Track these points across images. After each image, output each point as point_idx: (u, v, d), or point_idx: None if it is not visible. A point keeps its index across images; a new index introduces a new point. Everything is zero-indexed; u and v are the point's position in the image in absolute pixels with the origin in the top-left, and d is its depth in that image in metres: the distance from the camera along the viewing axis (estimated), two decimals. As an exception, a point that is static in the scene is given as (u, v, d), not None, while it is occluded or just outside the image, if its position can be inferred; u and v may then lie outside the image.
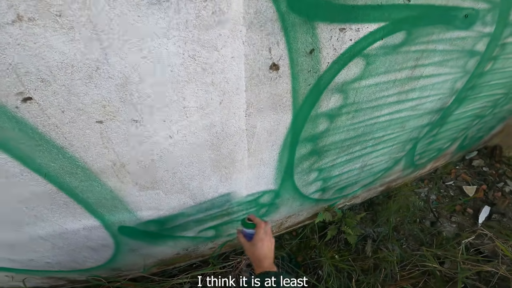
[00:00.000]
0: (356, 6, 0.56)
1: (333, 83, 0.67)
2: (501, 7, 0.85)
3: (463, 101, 1.18)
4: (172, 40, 0.44)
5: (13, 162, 0.48)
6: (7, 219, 0.60)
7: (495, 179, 1.94)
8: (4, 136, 0.45)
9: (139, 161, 0.59)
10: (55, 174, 0.53)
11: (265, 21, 0.49)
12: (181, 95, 0.51)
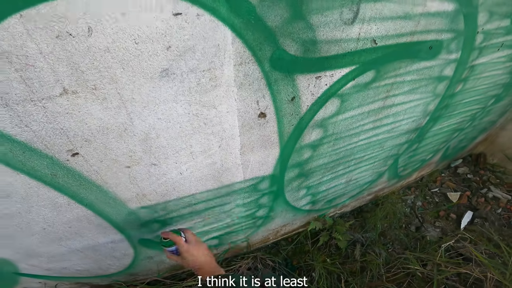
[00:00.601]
0: (329, 56, 0.68)
1: (313, 120, 0.80)
2: (466, 34, 0.93)
3: (438, 119, 1.29)
4: (180, 103, 0.57)
5: (63, 197, 0.62)
6: (54, 236, 0.74)
7: (478, 186, 2.04)
8: (56, 180, 0.58)
9: (157, 192, 0.73)
10: (93, 203, 0.67)
11: (253, 81, 0.62)
12: (188, 143, 0.64)
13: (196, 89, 0.56)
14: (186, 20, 0.47)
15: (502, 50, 1.16)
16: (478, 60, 1.10)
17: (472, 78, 1.20)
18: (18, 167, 0.53)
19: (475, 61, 1.10)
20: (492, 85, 1.37)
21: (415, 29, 0.76)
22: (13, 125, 0.47)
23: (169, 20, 0.45)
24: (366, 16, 0.63)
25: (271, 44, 0.57)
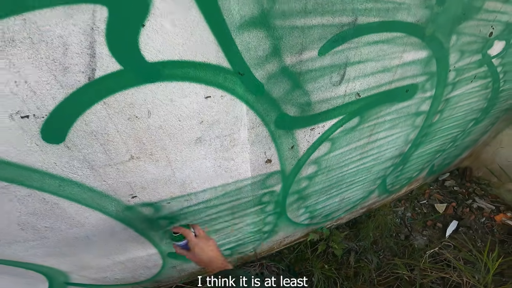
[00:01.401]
0: (321, 112, 0.86)
1: (309, 160, 0.98)
2: (438, 74, 1.06)
3: (419, 145, 1.47)
4: (208, 159, 0.76)
5: (122, 225, 0.81)
6: (107, 252, 0.93)
7: (464, 197, 2.20)
8: (119, 214, 0.77)
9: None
10: (143, 229, 0.86)
11: (262, 138, 0.81)
12: (212, 184, 0.83)
13: (220, 149, 0.75)
14: (213, 101, 0.65)
15: (475, 81, 1.31)
16: (452, 93, 1.26)
17: (448, 109, 1.36)
18: (95, 207, 0.72)
19: (449, 94, 1.25)
20: (469, 111, 1.54)
21: (393, 78, 0.93)
22: (95, 181, 0.66)
23: (201, 102, 0.64)
24: (351, 76, 0.81)
25: (275, 110, 0.76)
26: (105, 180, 0.67)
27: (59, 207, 0.67)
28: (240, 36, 0.56)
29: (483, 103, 1.53)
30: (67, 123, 0.53)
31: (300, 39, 0.64)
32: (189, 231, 0.77)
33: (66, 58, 0.45)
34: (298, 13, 0.59)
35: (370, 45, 0.76)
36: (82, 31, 0.44)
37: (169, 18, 0.48)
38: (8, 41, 0.41)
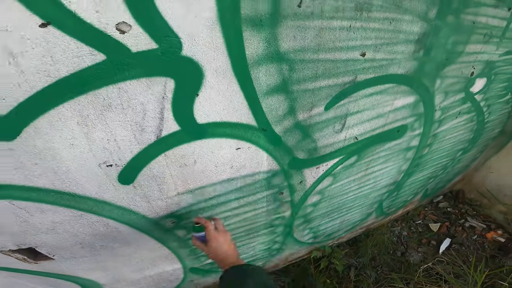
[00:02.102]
0: (325, 154, 1.03)
1: (314, 191, 1.14)
2: (425, 115, 1.22)
3: (412, 174, 1.62)
4: (234, 194, 0.92)
5: (158, 243, 0.96)
6: (141, 267, 1.08)
7: (457, 217, 2.33)
8: (161, 236, 0.93)
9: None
10: (175, 247, 1.01)
11: (277, 177, 0.97)
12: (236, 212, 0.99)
13: (245, 185, 0.92)
14: (242, 151, 0.82)
15: (460, 117, 1.46)
16: (439, 129, 1.41)
17: (436, 142, 1.51)
18: (143, 230, 0.88)
19: (436, 130, 1.40)
20: (457, 143, 1.69)
21: (386, 122, 1.10)
22: (148, 211, 0.82)
23: (233, 152, 0.81)
24: (351, 124, 0.98)
25: (289, 155, 0.92)
26: (156, 210, 0.83)
27: (117, 230, 0.83)
28: (265, 100, 0.74)
29: (469, 134, 1.69)
30: (138, 170, 0.70)
31: (311, 99, 0.81)
32: (209, 222, 0.78)
33: (144, 121, 0.63)
34: (310, 78, 0.77)
35: (367, 97, 0.94)
36: (156, 99, 0.61)
37: (215, 89, 0.65)
38: (106, 106, 0.57)
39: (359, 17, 0.73)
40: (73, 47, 0.48)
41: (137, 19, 0.49)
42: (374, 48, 0.82)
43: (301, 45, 0.69)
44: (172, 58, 0.56)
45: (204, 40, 0.57)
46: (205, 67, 0.61)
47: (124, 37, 0.50)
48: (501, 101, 1.62)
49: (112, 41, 0.50)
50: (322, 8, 0.66)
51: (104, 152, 0.63)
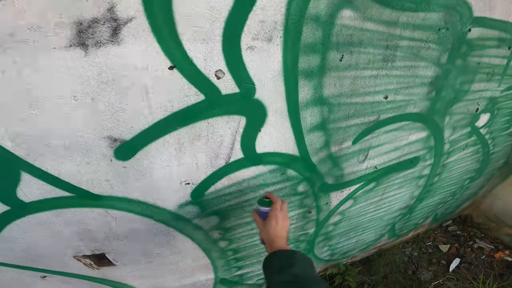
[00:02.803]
0: (349, 181, 1.16)
1: (337, 212, 1.27)
2: (436, 147, 1.36)
3: (423, 199, 1.72)
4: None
5: (203, 253, 1.09)
6: (182, 276, 1.19)
7: (466, 239, 2.39)
8: (208, 246, 1.05)
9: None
10: (215, 257, 1.13)
11: (308, 198, 1.10)
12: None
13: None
14: (285, 176, 0.96)
15: (467, 149, 1.59)
16: (448, 160, 1.54)
17: (445, 171, 1.63)
18: (195, 240, 1.01)
19: (445, 161, 1.53)
20: (464, 172, 1.81)
21: (401, 154, 1.24)
22: (205, 223, 0.96)
23: (278, 177, 0.95)
24: (372, 156, 1.12)
25: (320, 181, 1.06)
26: (210, 222, 0.97)
27: (175, 239, 0.96)
28: (308, 136, 0.89)
29: (476, 165, 1.81)
30: (207, 188, 0.85)
31: (342, 135, 0.97)
32: (279, 200, 0.77)
33: (219, 150, 0.78)
34: (343, 118, 0.92)
35: (386, 133, 1.08)
36: (231, 132, 0.76)
37: (273, 126, 0.81)
38: (197, 136, 0.72)
39: (385, 66, 0.90)
40: (186, 87, 0.64)
41: (229, 68, 0.66)
42: (395, 91, 0.98)
43: (339, 91, 0.85)
44: (247, 100, 0.73)
45: (271, 87, 0.74)
46: (268, 108, 0.77)
47: (218, 82, 0.67)
48: (504, 133, 1.75)
49: (210, 84, 0.66)
50: (357, 61, 0.83)
51: (186, 173, 0.79)
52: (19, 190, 0.67)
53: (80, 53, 0.54)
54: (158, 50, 0.58)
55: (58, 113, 0.58)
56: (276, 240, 0.69)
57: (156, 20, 0.55)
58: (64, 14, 0.50)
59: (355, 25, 0.76)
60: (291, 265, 0.60)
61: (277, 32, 0.67)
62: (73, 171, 0.67)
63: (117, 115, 0.62)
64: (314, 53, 0.74)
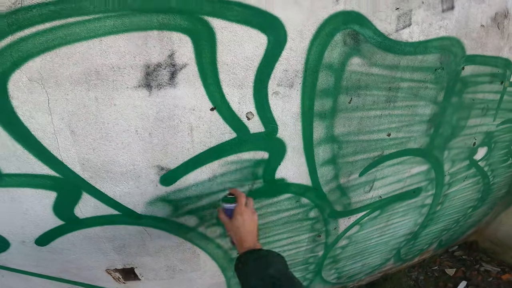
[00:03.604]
0: (356, 208, 1.24)
1: (344, 236, 1.33)
2: (437, 179, 1.43)
3: (426, 226, 1.77)
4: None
5: (219, 270, 1.16)
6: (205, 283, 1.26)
7: (472, 263, 2.37)
8: (224, 264, 1.13)
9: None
10: (230, 277, 1.20)
11: (318, 223, 1.18)
12: (281, 244, 1.19)
13: (296, 228, 1.13)
14: (299, 203, 1.05)
15: (467, 180, 1.65)
16: (449, 190, 1.60)
17: (447, 201, 1.68)
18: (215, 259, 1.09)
19: (446, 191, 1.59)
20: (466, 201, 1.85)
21: (404, 185, 1.32)
22: (225, 243, 1.04)
23: (293, 204, 1.05)
24: (377, 187, 1.21)
25: (329, 208, 1.15)
26: (229, 243, 1.05)
27: (198, 256, 1.04)
28: (320, 169, 0.99)
29: (477, 194, 1.85)
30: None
31: (350, 168, 1.07)
32: (243, 195, 0.73)
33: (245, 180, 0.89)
34: (351, 154, 1.03)
35: (390, 167, 1.18)
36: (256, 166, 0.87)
37: (291, 161, 0.92)
38: (227, 168, 0.84)
39: (387, 107, 1.01)
40: (222, 127, 0.76)
41: (258, 110, 0.78)
42: (397, 129, 1.09)
43: (347, 130, 0.97)
44: (271, 138, 0.85)
45: (290, 127, 0.86)
46: (288, 146, 0.89)
47: (248, 122, 0.79)
48: (503, 165, 1.81)
49: (242, 124, 0.78)
50: (364, 103, 0.94)
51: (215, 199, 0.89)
52: (77, 207, 0.79)
53: (145, 93, 0.65)
54: (203, 93, 0.70)
55: (122, 145, 0.70)
56: (247, 238, 0.66)
57: (204, 67, 0.67)
58: (137, 57, 0.61)
59: (363, 70, 0.88)
60: (267, 266, 0.57)
61: (298, 79, 0.80)
62: (124, 193, 0.79)
63: (167, 148, 0.74)
64: (327, 97, 0.87)
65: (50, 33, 0.55)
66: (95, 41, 0.58)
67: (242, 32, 0.67)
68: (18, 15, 0.53)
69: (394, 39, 0.89)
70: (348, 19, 0.79)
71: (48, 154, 0.67)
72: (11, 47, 0.54)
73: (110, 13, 0.57)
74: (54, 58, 0.57)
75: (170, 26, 0.61)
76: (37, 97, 0.59)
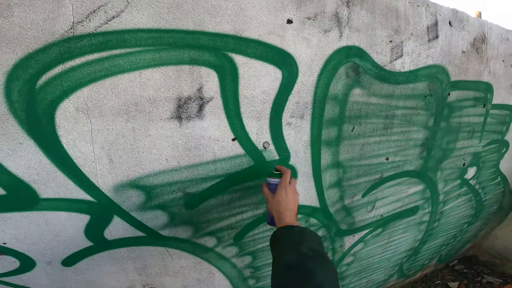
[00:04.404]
0: (360, 227, 1.29)
1: (349, 253, 1.37)
2: (432, 198, 1.50)
3: (426, 242, 1.80)
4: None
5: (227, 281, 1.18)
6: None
7: (474, 276, 2.37)
8: (238, 283, 1.16)
9: None
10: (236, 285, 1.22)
11: (325, 242, 1.22)
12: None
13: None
14: (308, 223, 1.10)
15: (460, 198, 1.72)
16: (444, 208, 1.66)
17: (443, 218, 1.74)
18: (229, 277, 1.11)
19: (442, 209, 1.65)
20: (461, 217, 1.90)
21: (403, 204, 1.38)
22: (239, 262, 1.08)
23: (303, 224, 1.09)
24: (378, 206, 1.27)
25: (335, 227, 1.20)
26: (244, 261, 1.09)
27: (214, 276, 1.07)
28: (326, 191, 1.06)
29: (471, 211, 1.91)
30: (247, 233, 0.99)
31: (354, 190, 1.13)
32: (289, 172, 0.73)
33: (260, 203, 0.94)
34: (354, 177, 1.10)
35: (389, 188, 1.25)
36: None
37: (301, 185, 0.98)
38: (244, 193, 0.90)
39: (385, 133, 1.09)
40: (242, 155, 0.82)
41: (273, 140, 0.85)
42: (394, 153, 1.17)
43: (351, 156, 1.04)
44: (284, 164, 0.91)
45: (301, 154, 0.93)
46: (298, 171, 0.95)
47: (264, 151, 0.86)
48: (493, 183, 1.89)
49: (259, 153, 0.85)
50: (364, 130, 1.03)
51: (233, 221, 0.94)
52: (107, 229, 0.82)
53: (176, 125, 0.70)
54: (226, 125, 0.76)
55: (153, 172, 0.75)
56: (286, 214, 0.65)
57: (227, 100, 0.73)
58: (171, 90, 0.65)
59: (363, 100, 0.97)
60: (300, 243, 0.56)
61: (308, 110, 0.88)
62: (152, 217, 0.84)
63: (192, 175, 0.80)
64: (333, 126, 0.95)
65: (98, 64, 0.58)
66: (135, 74, 0.61)
67: (260, 67, 0.74)
68: (70, 44, 0.55)
69: (389, 70, 0.98)
70: (349, 53, 0.88)
71: (86, 180, 0.69)
72: (62, 76, 0.56)
73: (149, 47, 0.61)
74: (100, 89, 0.60)
75: (199, 61, 0.66)
76: (81, 127, 0.61)
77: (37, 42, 0.53)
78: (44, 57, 0.54)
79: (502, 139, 1.68)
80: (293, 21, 0.76)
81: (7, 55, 0.52)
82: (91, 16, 0.55)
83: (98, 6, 0.55)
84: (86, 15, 0.55)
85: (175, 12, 0.62)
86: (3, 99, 0.54)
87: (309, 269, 0.50)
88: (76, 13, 0.54)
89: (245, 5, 0.68)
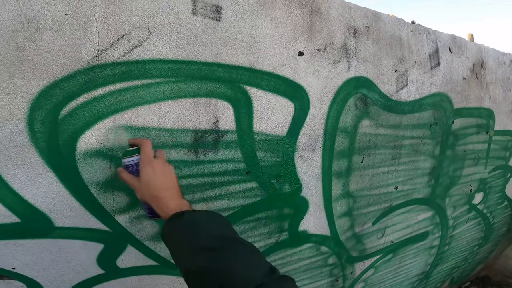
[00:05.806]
0: (370, 253, 1.23)
1: (360, 279, 1.31)
2: (441, 223, 1.45)
3: (437, 266, 1.71)
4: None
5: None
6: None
7: None
8: None
9: None
10: None
11: (337, 269, 1.17)
12: (305, 295, 1.18)
13: (316, 274, 1.13)
14: (319, 251, 1.07)
15: (469, 222, 1.65)
16: (453, 232, 1.60)
17: (454, 241, 1.67)
18: None
19: (452, 233, 1.59)
20: (471, 240, 1.81)
21: (412, 230, 1.33)
22: None
23: (314, 252, 1.06)
24: (388, 233, 1.22)
25: (346, 254, 1.16)
26: None
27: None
28: (337, 220, 1.03)
29: (480, 234, 1.83)
30: (257, 264, 0.97)
31: (364, 219, 1.10)
32: (149, 142, 0.50)
33: (272, 233, 0.92)
34: (364, 206, 1.07)
35: (399, 215, 1.21)
36: (282, 221, 0.92)
37: (312, 215, 0.95)
38: (257, 223, 0.89)
39: (394, 163, 1.08)
40: (255, 188, 0.79)
41: (285, 173, 0.84)
42: (402, 182, 1.14)
43: (361, 186, 1.02)
44: (296, 197, 0.90)
45: (312, 186, 0.91)
46: (310, 203, 0.94)
47: (277, 183, 0.84)
48: (500, 207, 1.82)
49: (272, 186, 0.83)
50: (373, 161, 1.01)
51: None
52: (119, 258, 0.78)
53: (192, 158, 0.66)
54: (240, 158, 0.75)
55: None
56: (164, 196, 0.46)
57: (242, 133, 0.71)
58: (188, 123, 0.62)
59: (371, 131, 0.96)
60: (197, 235, 0.41)
61: (319, 143, 0.87)
62: (165, 246, 0.82)
63: (206, 207, 0.78)
64: (343, 158, 0.94)
65: (120, 95, 0.54)
66: (155, 106, 0.58)
67: (274, 100, 0.72)
68: (95, 72, 0.51)
69: (395, 100, 0.98)
70: (358, 84, 0.87)
71: (103, 210, 0.67)
72: (85, 106, 0.51)
73: (169, 78, 0.58)
74: (121, 121, 0.55)
75: (216, 93, 0.64)
76: (101, 159, 0.58)
77: (63, 69, 0.48)
78: (69, 85, 0.49)
79: (506, 165, 1.63)
80: (304, 53, 0.75)
81: (33, 82, 0.47)
82: (115, 44, 0.52)
83: (122, 34, 0.52)
84: (111, 43, 0.52)
85: (193, 44, 0.60)
86: (25, 129, 0.48)
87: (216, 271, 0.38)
88: (101, 41, 0.51)
89: (259, 37, 0.68)
